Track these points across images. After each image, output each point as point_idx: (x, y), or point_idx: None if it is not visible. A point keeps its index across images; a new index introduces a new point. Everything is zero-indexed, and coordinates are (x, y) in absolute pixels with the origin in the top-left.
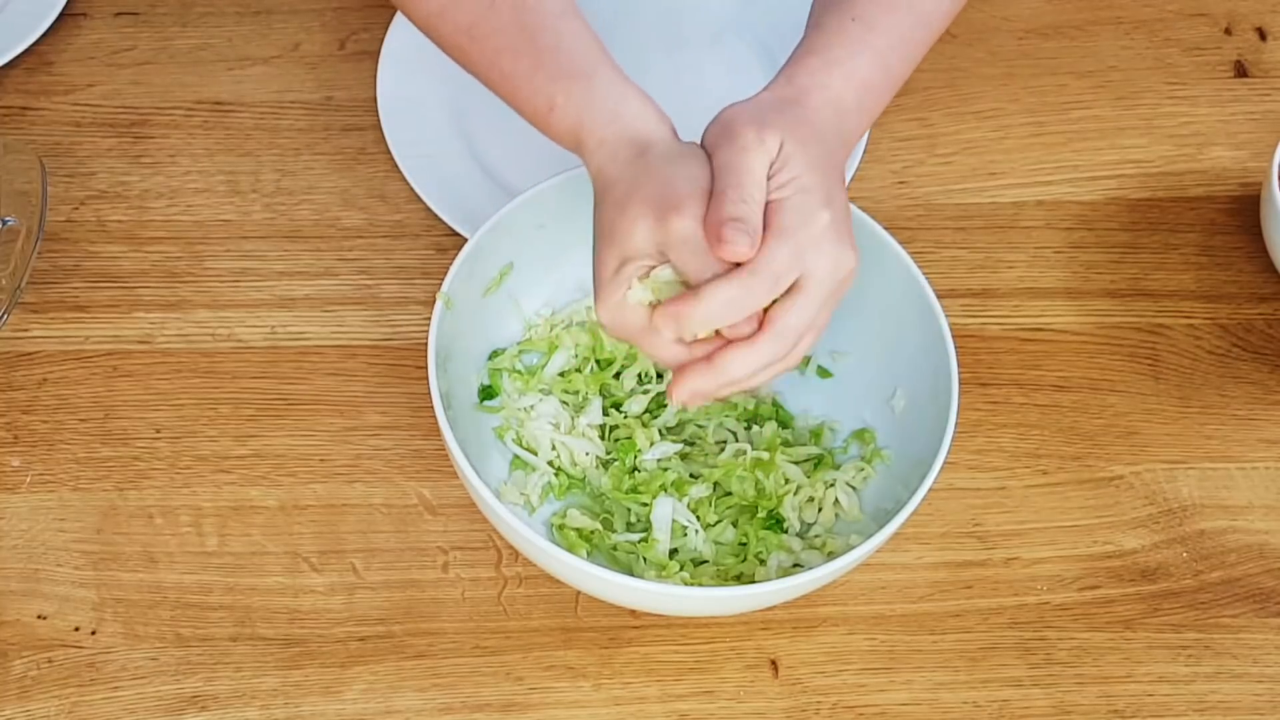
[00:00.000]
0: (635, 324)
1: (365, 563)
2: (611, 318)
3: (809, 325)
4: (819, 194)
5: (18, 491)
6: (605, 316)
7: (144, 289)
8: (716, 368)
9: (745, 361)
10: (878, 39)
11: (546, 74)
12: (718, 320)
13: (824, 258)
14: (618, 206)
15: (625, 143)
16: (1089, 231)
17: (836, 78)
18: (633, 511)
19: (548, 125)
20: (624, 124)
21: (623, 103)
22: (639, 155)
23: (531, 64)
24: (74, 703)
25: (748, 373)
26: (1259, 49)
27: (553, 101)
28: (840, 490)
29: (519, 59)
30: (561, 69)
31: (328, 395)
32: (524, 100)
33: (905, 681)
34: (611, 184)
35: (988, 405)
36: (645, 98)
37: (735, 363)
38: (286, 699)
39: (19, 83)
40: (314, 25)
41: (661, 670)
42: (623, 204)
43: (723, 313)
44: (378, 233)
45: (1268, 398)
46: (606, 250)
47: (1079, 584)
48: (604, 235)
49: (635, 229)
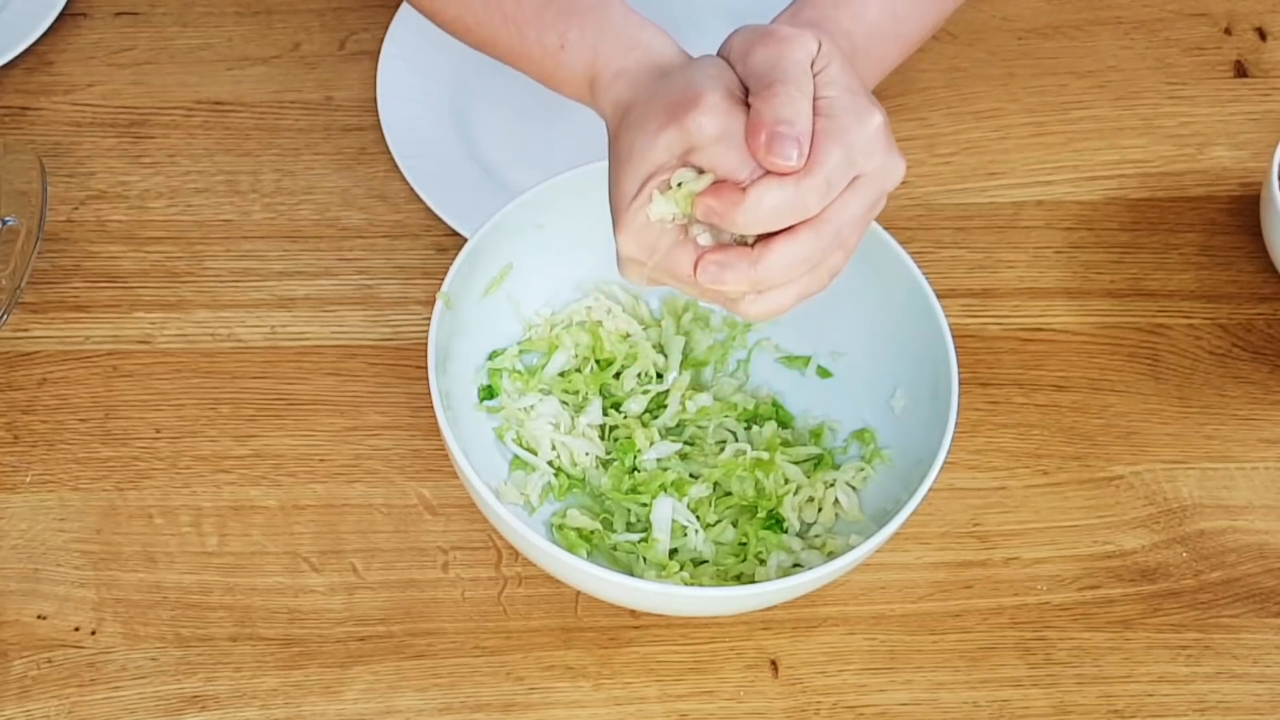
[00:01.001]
0: (662, 244)
1: (365, 563)
2: (636, 242)
3: (852, 225)
4: (865, 94)
5: (18, 491)
6: (628, 244)
7: (144, 289)
8: (752, 257)
9: (783, 254)
10: None
11: (556, 10)
12: (762, 224)
13: (876, 161)
14: (636, 125)
15: (645, 69)
16: (1089, 231)
17: (844, 16)
18: (633, 511)
19: (557, 65)
20: (642, 52)
21: (640, 32)
22: (660, 77)
23: (539, 3)
24: (74, 703)
25: (783, 268)
26: (1259, 49)
27: (564, 38)
28: (840, 490)
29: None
30: (572, 5)
31: (328, 395)
32: (531, 41)
33: (905, 681)
34: (629, 108)
35: (988, 405)
36: (660, 30)
37: (773, 255)
38: (286, 699)
39: (19, 83)
40: (314, 25)
41: (661, 670)
42: (641, 120)
43: (769, 217)
44: (378, 233)
45: (1268, 398)
46: (625, 171)
47: (1079, 584)
48: (620, 158)
49: (656, 140)
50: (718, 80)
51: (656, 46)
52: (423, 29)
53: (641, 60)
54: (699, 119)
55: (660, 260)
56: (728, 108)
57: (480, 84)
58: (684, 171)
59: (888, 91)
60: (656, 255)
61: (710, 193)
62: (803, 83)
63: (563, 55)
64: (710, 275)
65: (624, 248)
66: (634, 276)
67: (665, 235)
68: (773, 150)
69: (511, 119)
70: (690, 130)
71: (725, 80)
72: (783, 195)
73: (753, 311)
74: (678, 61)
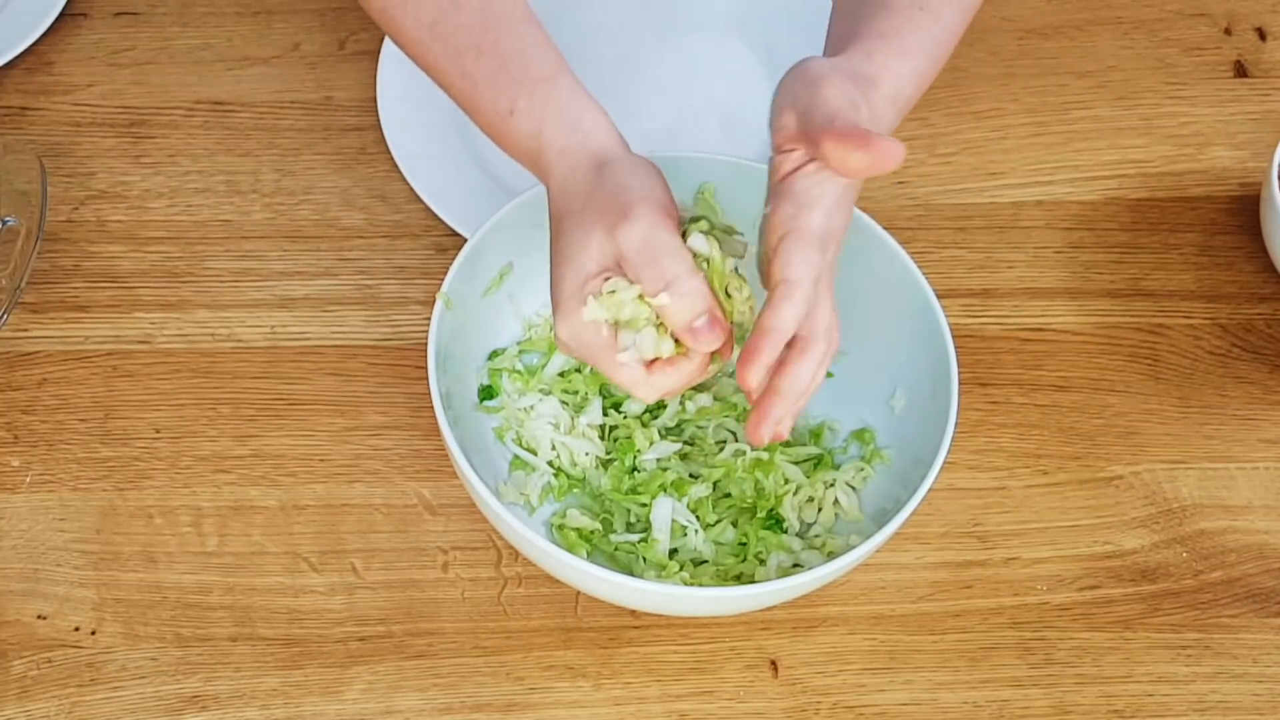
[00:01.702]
0: (595, 343)
1: (365, 563)
2: (571, 335)
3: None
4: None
5: (18, 491)
6: (564, 334)
7: (144, 289)
8: (784, 390)
9: (805, 367)
10: (940, 32)
11: (510, 76)
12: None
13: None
14: (573, 218)
15: (585, 155)
16: (1089, 231)
17: (906, 67)
18: (632, 511)
19: (505, 128)
20: (584, 135)
21: (584, 113)
22: (596, 169)
23: (495, 65)
24: (74, 703)
25: (810, 375)
26: (1259, 49)
27: (514, 105)
28: (840, 490)
29: (481, 60)
30: (526, 73)
31: (328, 395)
32: (485, 101)
33: (905, 681)
34: (569, 197)
35: (988, 405)
36: (602, 111)
37: (798, 374)
38: (286, 699)
39: (19, 83)
40: (314, 25)
41: (661, 670)
42: (579, 215)
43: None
44: (378, 233)
45: (1268, 398)
46: (564, 267)
47: (1079, 584)
48: (561, 249)
49: (589, 242)
50: (651, 192)
51: (598, 134)
52: None
53: (580, 145)
54: (626, 230)
55: (595, 358)
56: (652, 224)
57: None
58: (617, 280)
59: None
60: (590, 351)
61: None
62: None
63: (511, 121)
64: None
65: (563, 336)
66: (567, 354)
67: (600, 332)
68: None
69: None
70: (618, 240)
71: (658, 194)
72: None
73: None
74: (613, 153)
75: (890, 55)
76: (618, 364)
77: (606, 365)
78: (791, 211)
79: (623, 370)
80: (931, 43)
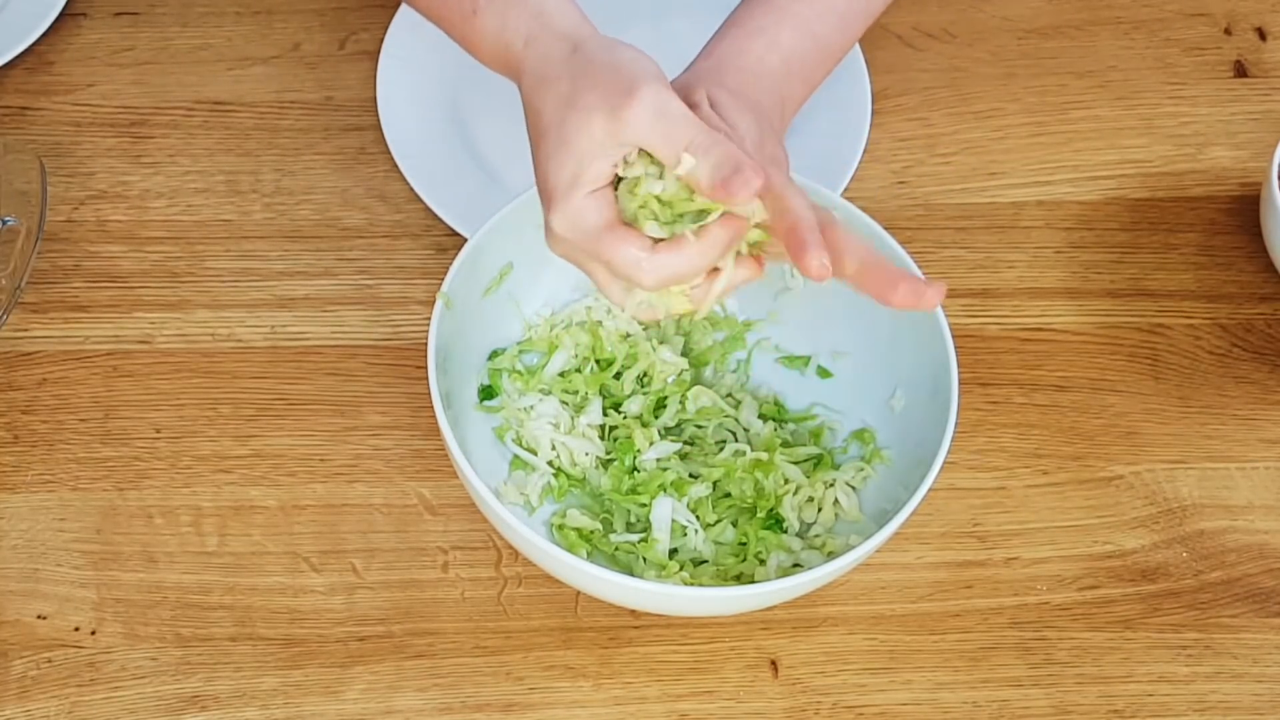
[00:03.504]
0: (595, 224)
1: (365, 563)
2: (569, 225)
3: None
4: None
5: (18, 491)
6: (559, 225)
7: (144, 289)
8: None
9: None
10: (804, 8)
11: None
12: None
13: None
14: (562, 104)
15: (554, 38)
16: (1089, 231)
17: (759, 45)
18: (632, 512)
19: (471, 31)
20: (549, 17)
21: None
22: (573, 51)
23: None
24: (74, 703)
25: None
26: (1259, 49)
27: (476, 4)
28: (840, 490)
29: None
30: None
31: (328, 395)
32: (451, 9)
33: (905, 681)
34: (548, 81)
35: (988, 405)
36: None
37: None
38: (286, 699)
39: (19, 83)
40: (314, 25)
41: (661, 670)
42: (569, 99)
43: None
44: (378, 233)
45: (1268, 398)
46: (558, 151)
47: (1079, 584)
48: (551, 138)
49: (591, 123)
50: (646, 67)
51: (563, 15)
52: (423, 29)
53: (547, 29)
54: (636, 108)
55: (591, 243)
56: (660, 97)
57: (480, 84)
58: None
59: (888, 91)
60: (588, 236)
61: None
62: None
63: (476, 21)
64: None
65: (558, 227)
66: (559, 250)
67: (599, 214)
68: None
69: (511, 119)
70: (626, 119)
71: (652, 67)
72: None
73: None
74: (584, 33)
75: (737, 39)
76: (618, 243)
77: (607, 247)
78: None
79: (623, 249)
80: (790, 16)
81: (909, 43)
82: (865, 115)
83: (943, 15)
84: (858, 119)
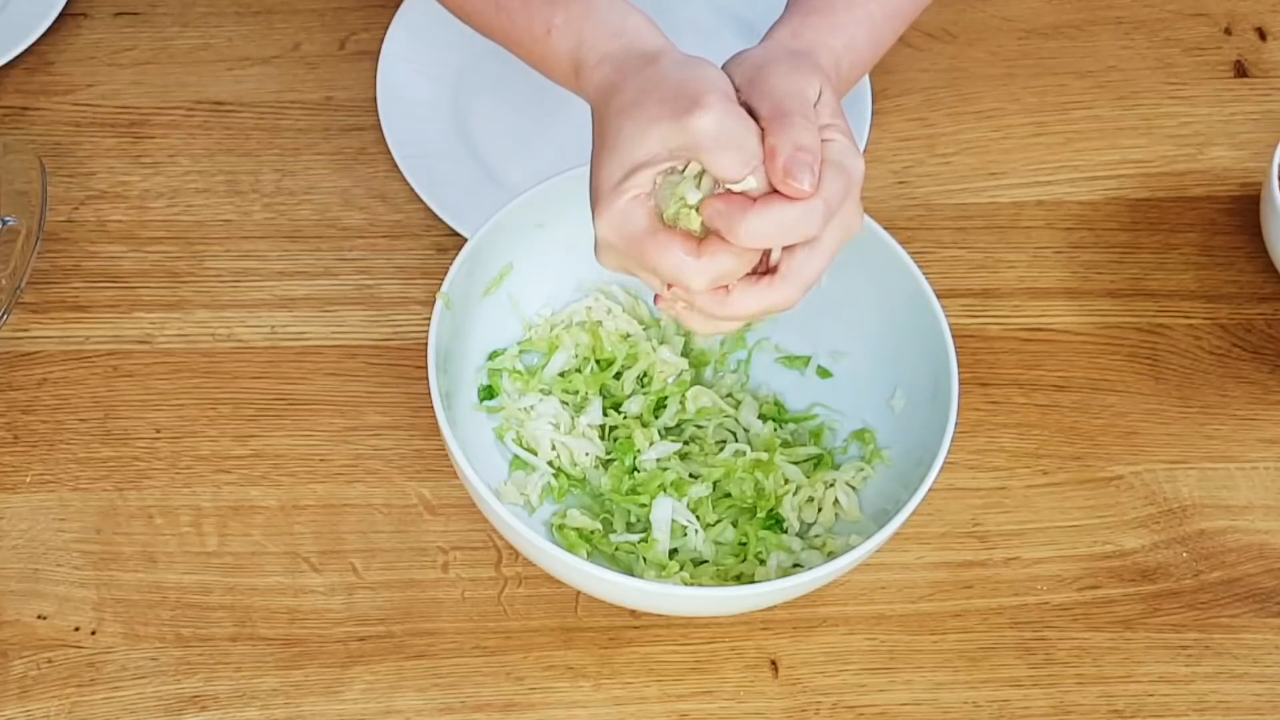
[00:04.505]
0: (639, 228)
1: (365, 563)
2: (614, 229)
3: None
4: (854, 143)
5: (18, 491)
6: (605, 230)
7: (144, 289)
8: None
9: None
10: (877, 8)
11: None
12: (766, 238)
13: (853, 214)
14: (625, 112)
15: (631, 55)
16: (1089, 231)
17: (839, 41)
18: (632, 512)
19: (545, 51)
20: (629, 39)
21: (626, 19)
22: (647, 64)
23: None
24: (74, 703)
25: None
26: (1259, 49)
27: (550, 23)
28: (840, 490)
29: None
30: None
31: (328, 395)
32: (521, 28)
33: (905, 681)
34: (617, 91)
35: (988, 405)
36: (647, 17)
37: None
38: (286, 699)
39: (19, 83)
40: (314, 25)
41: (661, 670)
42: (631, 108)
43: (775, 233)
44: (378, 233)
45: (1268, 398)
46: (610, 157)
47: (1079, 584)
48: (608, 143)
49: (649, 132)
50: (717, 83)
51: (642, 33)
52: (423, 29)
53: (627, 46)
54: (701, 119)
55: (637, 246)
56: (727, 111)
57: (480, 84)
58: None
59: (888, 91)
60: (633, 239)
61: (721, 198)
62: (813, 117)
63: (550, 41)
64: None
65: (603, 231)
66: (609, 261)
67: (644, 218)
68: (791, 174)
69: (512, 119)
70: (689, 129)
71: (724, 84)
72: (790, 215)
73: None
74: (664, 49)
75: (822, 30)
76: (661, 248)
77: (652, 251)
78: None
79: (668, 254)
80: (866, 18)
81: (909, 43)
82: (865, 115)
83: (942, 15)
84: (858, 119)
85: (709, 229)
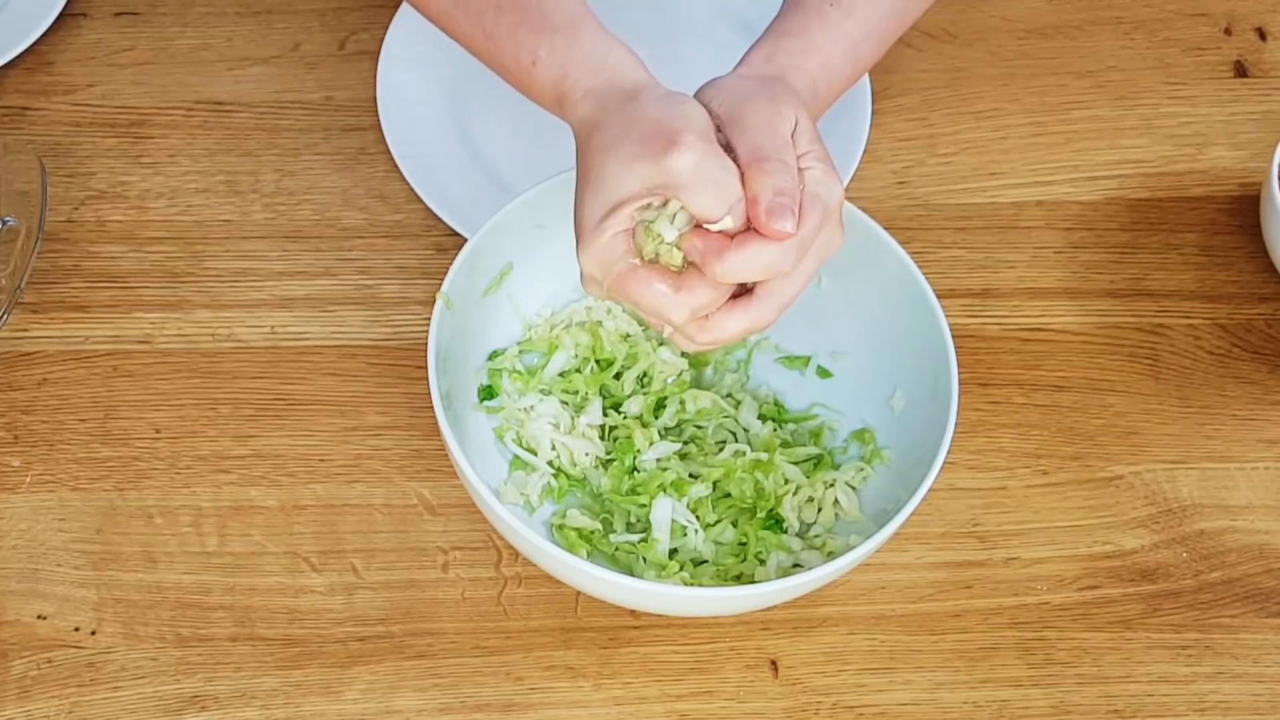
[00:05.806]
0: (620, 265)
1: (365, 563)
2: (597, 264)
3: (793, 300)
4: (831, 164)
5: (18, 491)
6: (589, 265)
7: (144, 289)
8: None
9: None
10: (854, 28)
11: (530, 28)
12: (745, 276)
13: (832, 234)
14: (605, 150)
15: (614, 91)
16: (1089, 231)
17: (814, 63)
18: (632, 512)
19: (530, 81)
20: (612, 74)
21: (609, 53)
22: (629, 100)
23: (514, 20)
24: (74, 703)
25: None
26: (1259, 49)
27: (535, 55)
28: (840, 490)
29: (501, 16)
30: (545, 23)
31: (328, 395)
32: (507, 56)
33: (905, 681)
34: (598, 129)
35: (988, 405)
36: (630, 51)
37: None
38: (286, 699)
39: (19, 83)
40: (314, 25)
41: (661, 670)
42: (612, 146)
43: (754, 272)
44: (378, 233)
45: (1268, 398)
46: (592, 195)
47: (1079, 584)
48: (590, 180)
49: (628, 171)
50: (695, 121)
51: (624, 68)
52: (423, 29)
53: (610, 81)
54: (679, 159)
55: (619, 281)
56: (705, 150)
57: (480, 84)
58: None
59: (888, 91)
60: (616, 273)
61: (699, 235)
62: (791, 160)
63: (534, 72)
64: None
65: (586, 267)
66: (594, 292)
67: (621, 257)
68: (774, 219)
69: (511, 118)
70: (667, 168)
71: (703, 122)
72: (769, 254)
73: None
74: (646, 85)
75: (794, 54)
76: (645, 282)
77: (633, 286)
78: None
79: (650, 290)
80: (843, 38)
81: (909, 43)
82: (865, 115)
83: (942, 15)
84: (858, 119)
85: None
